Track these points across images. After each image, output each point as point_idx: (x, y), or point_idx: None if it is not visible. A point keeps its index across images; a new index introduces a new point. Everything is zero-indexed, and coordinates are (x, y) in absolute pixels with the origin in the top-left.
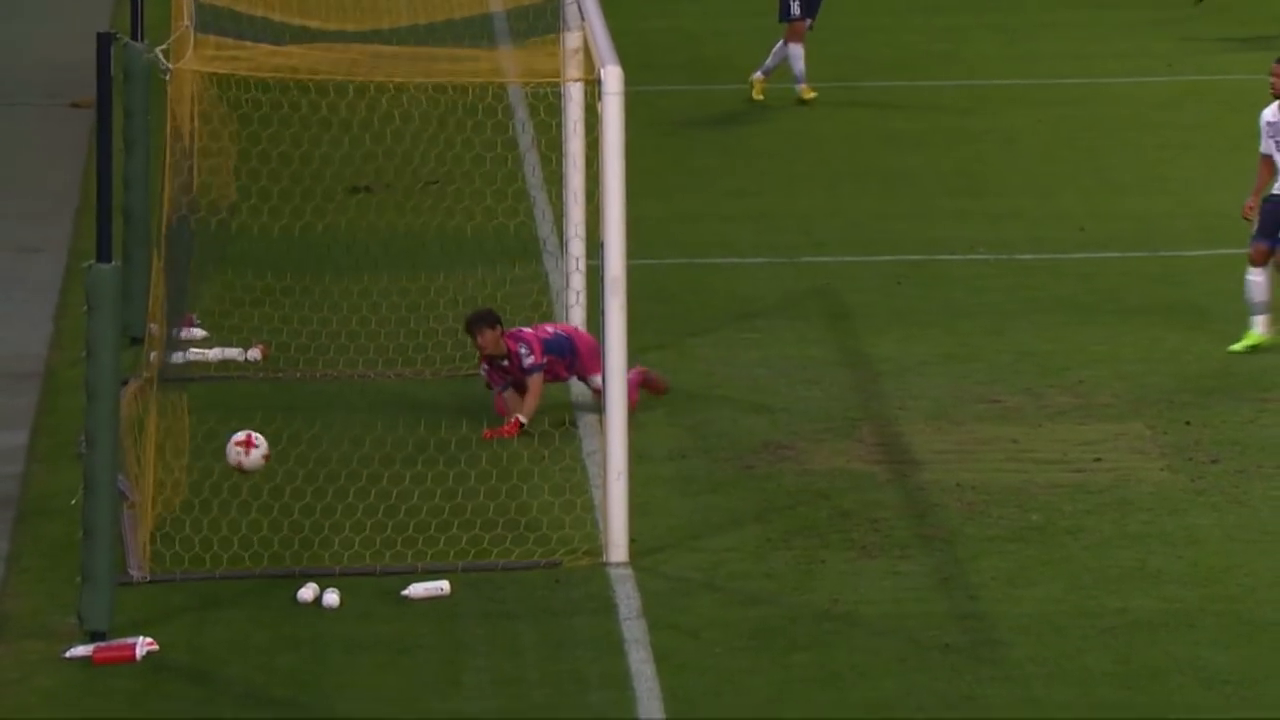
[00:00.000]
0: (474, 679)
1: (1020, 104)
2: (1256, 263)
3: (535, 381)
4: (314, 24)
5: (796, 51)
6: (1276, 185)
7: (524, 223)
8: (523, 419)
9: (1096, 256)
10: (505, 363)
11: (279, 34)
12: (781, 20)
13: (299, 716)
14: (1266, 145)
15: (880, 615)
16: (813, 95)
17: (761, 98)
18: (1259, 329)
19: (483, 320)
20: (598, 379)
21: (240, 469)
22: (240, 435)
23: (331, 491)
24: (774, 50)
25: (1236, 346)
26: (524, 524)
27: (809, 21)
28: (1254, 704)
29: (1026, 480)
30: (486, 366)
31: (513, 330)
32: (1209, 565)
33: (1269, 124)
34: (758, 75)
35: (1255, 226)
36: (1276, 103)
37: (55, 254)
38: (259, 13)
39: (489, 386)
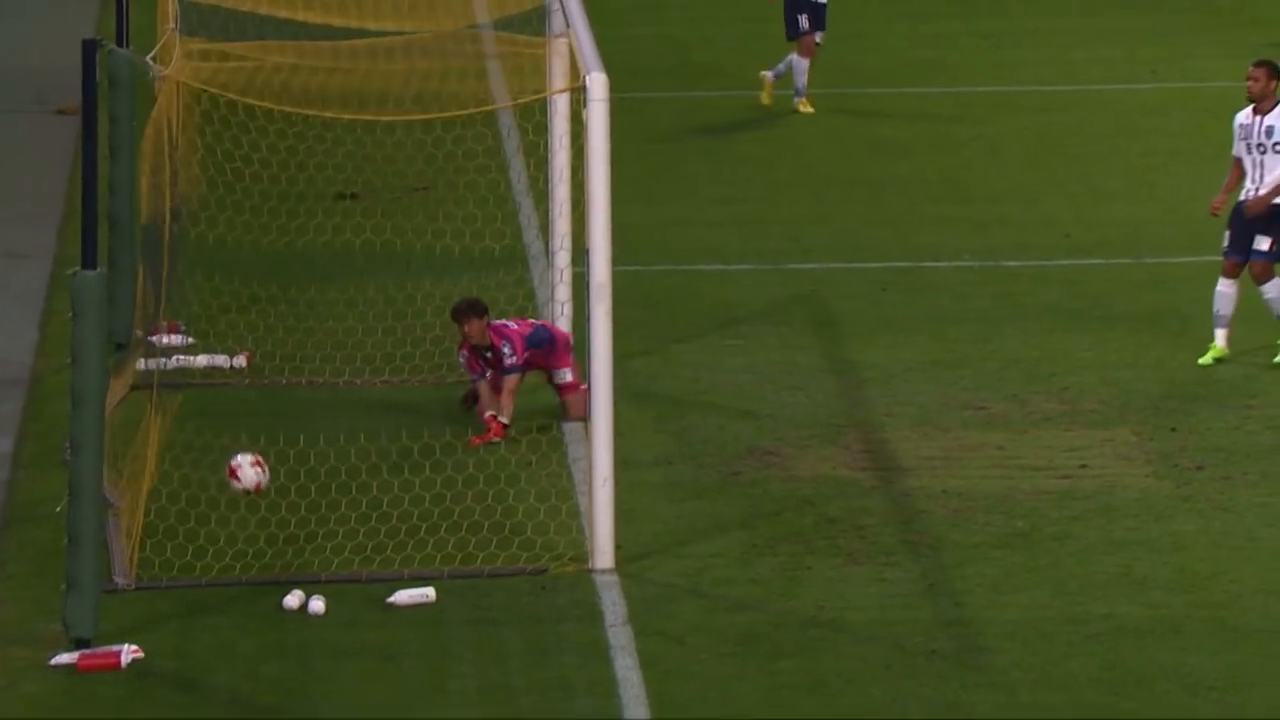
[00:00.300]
0: (460, 686)
1: (1006, 111)
2: (1228, 274)
3: (512, 381)
4: (301, 17)
5: (801, 66)
6: (1244, 190)
7: (510, 230)
8: (504, 420)
9: (1082, 263)
10: (488, 353)
11: (263, 29)
12: (790, 38)
13: None
14: (1238, 148)
15: (866, 621)
16: (809, 110)
17: (770, 102)
18: (1221, 342)
19: (471, 309)
20: (565, 373)
21: (258, 489)
22: (249, 456)
23: (317, 498)
24: (787, 57)
25: (1203, 360)
26: (509, 529)
27: (819, 34)
28: (1239, 710)
29: (1012, 487)
30: (467, 353)
31: (498, 324)
32: (1195, 571)
33: (1242, 126)
34: (769, 75)
35: (1227, 239)
36: (1251, 106)
37: (41, 260)
38: (246, 8)
39: (469, 380)
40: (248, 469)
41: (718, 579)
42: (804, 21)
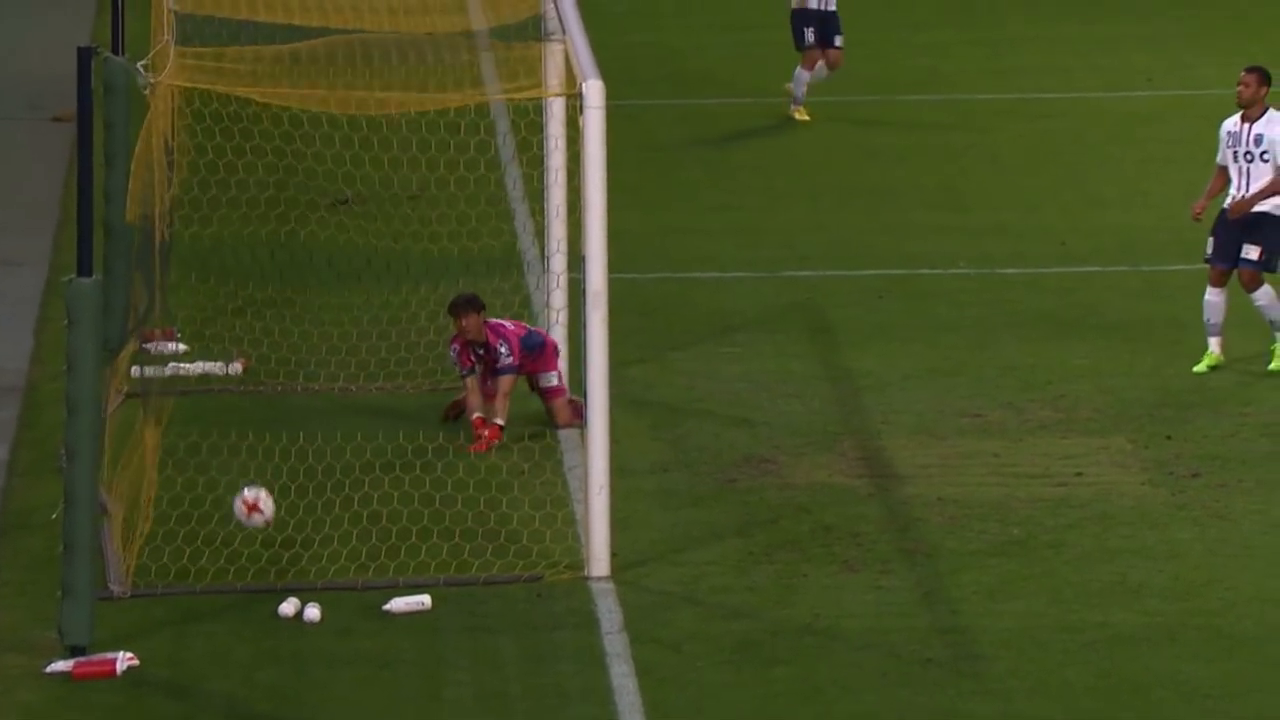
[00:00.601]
0: (455, 693)
1: (1002, 119)
2: (1216, 283)
3: (506, 383)
4: (299, 21)
5: (803, 76)
6: (1228, 199)
7: (505, 236)
8: (500, 422)
9: (1078, 271)
10: (480, 350)
11: (254, 36)
12: (799, 49)
13: None
14: (1224, 155)
15: (862, 629)
16: (805, 119)
17: (807, 117)
18: (1215, 349)
19: (469, 305)
20: (551, 376)
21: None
22: (258, 489)
23: (312, 505)
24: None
25: (1199, 367)
26: (505, 536)
27: (838, 39)
28: (1234, 718)
29: (1008, 494)
30: (459, 347)
31: (495, 322)
32: (1190, 579)
33: (1230, 134)
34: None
35: (1211, 246)
36: (1239, 113)
37: (36, 268)
38: (243, 15)
39: (461, 384)
40: (266, 499)
41: (714, 587)
42: (810, 35)
